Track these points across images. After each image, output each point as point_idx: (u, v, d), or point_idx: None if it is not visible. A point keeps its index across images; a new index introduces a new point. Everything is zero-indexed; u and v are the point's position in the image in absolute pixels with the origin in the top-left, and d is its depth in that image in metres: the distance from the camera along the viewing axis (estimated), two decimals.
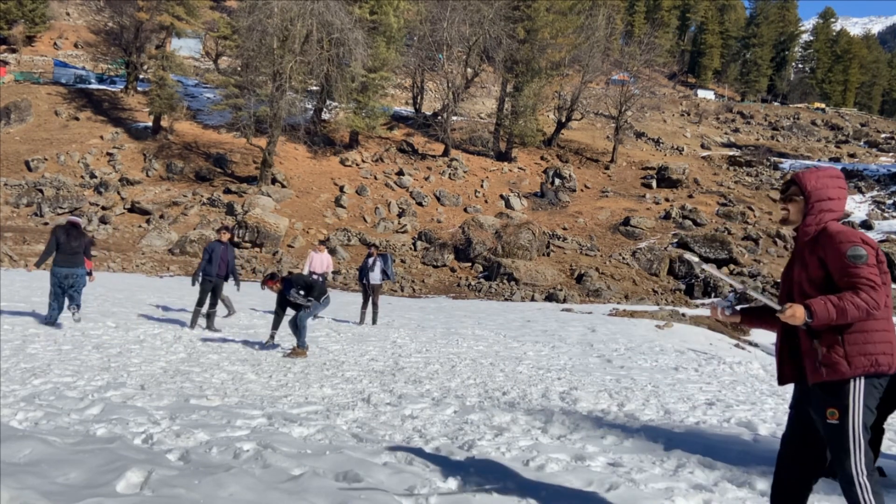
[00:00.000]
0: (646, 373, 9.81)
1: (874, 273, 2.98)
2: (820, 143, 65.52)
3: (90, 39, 49.52)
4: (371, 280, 14.61)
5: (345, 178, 40.58)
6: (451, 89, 45.55)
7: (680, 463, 4.87)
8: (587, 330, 16.07)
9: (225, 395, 6.58)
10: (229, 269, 11.75)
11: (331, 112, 45.36)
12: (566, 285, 30.02)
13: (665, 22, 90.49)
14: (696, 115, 70.78)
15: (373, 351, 10.46)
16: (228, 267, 11.72)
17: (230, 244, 12.00)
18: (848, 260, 3.01)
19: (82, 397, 5.92)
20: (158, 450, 4.34)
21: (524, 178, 44.84)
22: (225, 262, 11.65)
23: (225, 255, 11.66)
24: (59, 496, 3.00)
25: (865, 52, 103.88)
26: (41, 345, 8.53)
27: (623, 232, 37.73)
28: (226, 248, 11.74)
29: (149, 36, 45.30)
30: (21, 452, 3.61)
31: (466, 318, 17.59)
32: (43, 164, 36.72)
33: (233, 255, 11.92)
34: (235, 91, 38.38)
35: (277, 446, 4.56)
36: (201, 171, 38.35)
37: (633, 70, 55.55)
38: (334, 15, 37.05)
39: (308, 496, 3.45)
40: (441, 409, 6.37)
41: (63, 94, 45.30)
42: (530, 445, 5.16)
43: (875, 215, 40.61)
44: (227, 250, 11.76)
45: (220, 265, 11.58)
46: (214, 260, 11.52)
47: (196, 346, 9.66)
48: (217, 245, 11.67)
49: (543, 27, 45.63)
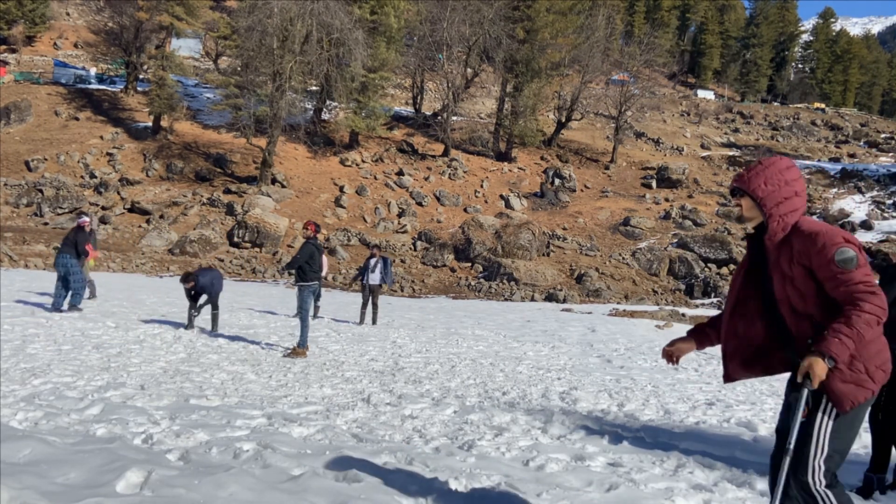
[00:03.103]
0: (646, 373, 9.81)
1: (869, 274, 2.69)
2: (820, 144, 65.50)
3: (90, 39, 49.51)
4: (370, 281, 14.70)
5: (345, 178, 40.58)
6: (451, 89, 45.55)
7: (680, 463, 4.87)
8: (587, 330, 16.07)
9: (225, 395, 6.57)
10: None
11: (331, 112, 45.36)
12: (566, 285, 30.02)
13: (665, 22, 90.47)
14: (695, 115, 70.76)
15: (373, 351, 10.46)
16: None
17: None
18: (837, 266, 2.69)
19: (82, 397, 5.92)
20: (158, 450, 4.34)
21: (524, 179, 44.84)
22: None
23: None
24: (59, 496, 3.00)
25: (865, 52, 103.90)
26: (41, 345, 8.53)
27: (623, 232, 37.74)
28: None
29: (149, 36, 45.29)
30: (21, 452, 3.61)
31: (466, 319, 17.59)
32: (43, 164, 36.72)
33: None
34: (235, 91, 38.39)
35: (277, 446, 4.56)
36: (201, 171, 38.35)
37: (632, 70, 55.56)
38: (334, 15, 37.05)
39: (308, 496, 3.45)
40: (441, 409, 6.37)
41: (63, 94, 45.29)
42: (530, 445, 5.16)
43: (875, 215, 40.58)
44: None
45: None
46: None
47: (196, 346, 9.66)
48: None
49: (543, 27, 45.63)
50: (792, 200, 2.85)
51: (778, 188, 2.84)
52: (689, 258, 32.64)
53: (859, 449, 5.25)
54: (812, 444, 2.73)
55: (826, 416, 2.74)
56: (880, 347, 2.78)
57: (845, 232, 2.79)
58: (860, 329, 2.63)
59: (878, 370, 2.76)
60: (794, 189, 2.87)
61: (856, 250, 2.72)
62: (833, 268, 2.69)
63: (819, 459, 2.72)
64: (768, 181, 2.86)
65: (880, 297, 2.67)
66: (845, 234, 2.78)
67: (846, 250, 2.69)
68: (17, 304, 12.24)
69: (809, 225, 2.81)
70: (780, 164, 2.92)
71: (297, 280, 9.88)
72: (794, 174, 2.90)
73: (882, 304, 2.66)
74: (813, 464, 2.72)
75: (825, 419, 2.74)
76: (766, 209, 2.84)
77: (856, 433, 2.84)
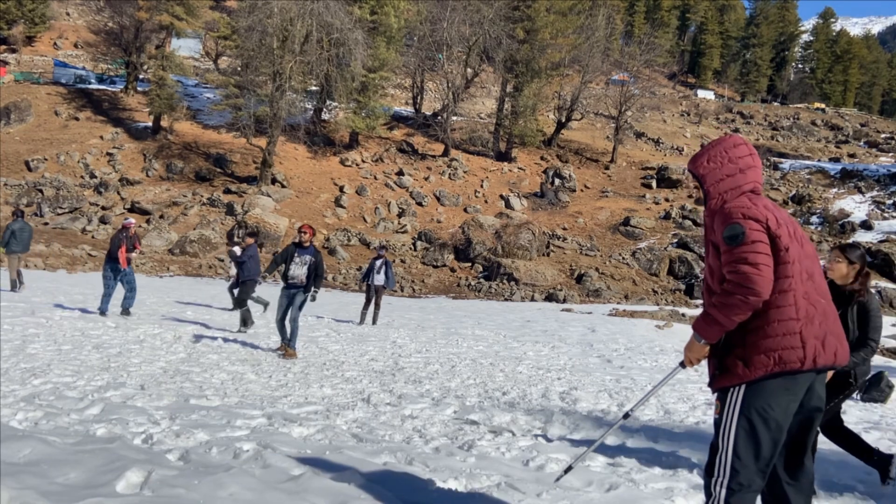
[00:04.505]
0: (646, 373, 9.81)
1: (751, 251, 2.53)
2: (820, 143, 65.48)
3: (90, 39, 49.49)
4: (375, 282, 14.77)
5: (345, 178, 40.57)
6: (451, 89, 45.54)
7: (680, 463, 4.87)
8: (587, 330, 16.07)
9: (225, 395, 6.57)
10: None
11: (331, 112, 45.35)
12: (566, 285, 30.02)
13: (665, 22, 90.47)
14: (695, 115, 70.74)
15: (373, 351, 10.46)
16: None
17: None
18: (724, 243, 2.60)
19: (82, 397, 5.91)
20: (158, 450, 4.34)
21: (524, 178, 44.83)
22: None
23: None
24: (59, 496, 3.00)
25: (865, 52, 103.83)
26: (41, 345, 8.52)
27: (623, 232, 37.73)
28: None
29: (149, 36, 45.28)
30: (21, 452, 3.61)
31: (466, 319, 17.59)
32: (43, 164, 36.71)
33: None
34: (235, 91, 38.38)
35: (277, 446, 4.55)
36: (201, 171, 38.35)
37: (632, 70, 55.53)
38: (334, 15, 37.05)
39: (308, 496, 3.45)
40: (441, 409, 6.36)
41: (63, 94, 45.27)
42: (530, 445, 5.16)
43: (875, 215, 40.56)
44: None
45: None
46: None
47: (196, 346, 9.66)
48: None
49: (543, 27, 45.62)
50: (734, 177, 2.76)
51: (720, 165, 2.78)
52: (689, 258, 32.64)
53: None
54: (718, 443, 2.67)
55: (731, 415, 2.64)
56: (776, 333, 2.58)
57: (757, 209, 2.64)
58: (718, 308, 2.57)
59: (760, 356, 2.58)
60: (738, 166, 2.78)
61: (749, 225, 2.57)
62: (722, 244, 2.63)
63: (726, 459, 2.63)
64: (711, 159, 2.81)
65: (746, 277, 2.51)
66: (755, 209, 2.63)
67: (735, 226, 2.59)
68: (18, 304, 12.23)
69: (730, 203, 2.70)
70: (726, 142, 2.86)
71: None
72: (740, 152, 2.82)
73: (749, 284, 2.50)
74: (720, 464, 2.66)
75: (731, 417, 2.64)
76: (705, 186, 2.80)
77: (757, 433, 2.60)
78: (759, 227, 2.59)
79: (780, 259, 2.60)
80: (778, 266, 2.60)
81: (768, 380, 2.58)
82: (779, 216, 2.67)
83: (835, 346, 2.66)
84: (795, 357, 2.56)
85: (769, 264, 2.55)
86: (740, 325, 2.62)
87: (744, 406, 2.60)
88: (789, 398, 2.60)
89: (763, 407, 2.57)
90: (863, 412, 7.46)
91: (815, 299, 2.66)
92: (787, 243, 2.62)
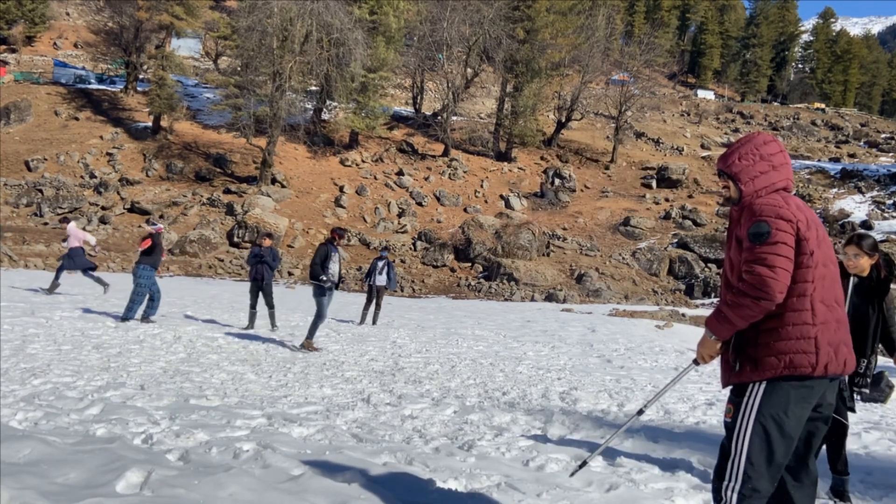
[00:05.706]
0: (646, 373, 9.81)
1: (771, 252, 2.51)
2: (820, 144, 65.48)
3: (90, 39, 49.52)
4: (377, 282, 14.79)
5: (345, 178, 40.57)
6: (451, 89, 45.55)
7: (680, 463, 4.86)
8: (587, 330, 16.07)
9: (225, 395, 6.57)
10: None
11: (331, 112, 45.35)
12: (566, 285, 30.02)
13: (665, 22, 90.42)
14: (695, 115, 70.74)
15: (373, 351, 10.46)
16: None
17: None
18: (748, 240, 2.58)
19: (82, 397, 5.91)
20: (158, 450, 4.34)
21: (524, 178, 44.84)
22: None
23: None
24: (59, 496, 2.99)
25: (865, 52, 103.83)
26: (41, 345, 8.52)
27: (623, 232, 37.74)
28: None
29: (148, 36, 45.28)
30: (21, 452, 3.61)
31: (466, 319, 17.59)
32: (43, 164, 36.72)
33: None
34: (235, 91, 38.38)
35: (277, 446, 4.55)
36: (201, 171, 38.35)
37: (632, 70, 55.54)
38: (334, 15, 37.06)
39: (308, 496, 3.45)
40: (441, 409, 6.36)
41: (63, 94, 45.28)
42: (530, 445, 5.16)
43: (875, 215, 40.59)
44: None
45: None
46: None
47: (196, 346, 9.66)
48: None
49: (543, 27, 45.64)
50: (768, 174, 2.75)
51: (752, 163, 2.76)
52: (689, 258, 32.65)
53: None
54: (732, 448, 2.66)
55: (746, 418, 2.63)
56: (789, 336, 2.56)
57: (789, 209, 2.61)
58: (730, 306, 2.56)
59: (771, 357, 2.56)
60: (771, 163, 2.76)
61: (777, 225, 2.54)
62: (745, 240, 2.61)
63: (739, 464, 2.63)
64: (742, 157, 2.79)
65: (761, 279, 2.49)
66: (786, 209, 2.61)
67: (762, 224, 2.56)
68: (17, 303, 12.23)
69: (761, 200, 2.68)
70: (756, 139, 2.84)
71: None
72: (771, 149, 2.80)
73: (762, 286, 2.48)
74: (733, 469, 2.65)
75: (746, 420, 2.63)
76: (741, 183, 2.76)
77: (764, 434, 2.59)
78: (788, 227, 2.56)
79: (804, 263, 2.57)
80: (800, 269, 2.56)
81: (784, 385, 2.57)
82: (809, 217, 2.64)
83: (845, 355, 2.65)
84: (807, 362, 2.54)
85: (787, 268, 2.52)
86: (755, 325, 2.60)
87: (760, 412, 2.58)
88: (804, 407, 2.59)
89: (779, 414, 2.56)
90: (863, 412, 7.45)
91: (832, 305, 2.65)
92: (814, 247, 2.59)
